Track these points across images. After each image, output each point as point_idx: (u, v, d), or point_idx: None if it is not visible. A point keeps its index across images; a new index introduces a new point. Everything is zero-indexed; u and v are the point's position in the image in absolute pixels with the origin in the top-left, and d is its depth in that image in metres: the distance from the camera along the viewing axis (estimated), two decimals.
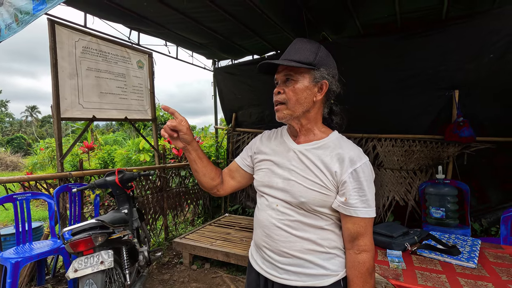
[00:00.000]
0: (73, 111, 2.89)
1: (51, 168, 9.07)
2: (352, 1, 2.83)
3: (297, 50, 0.93)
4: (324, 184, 0.90)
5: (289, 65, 0.91)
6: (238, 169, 1.13)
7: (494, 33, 2.77)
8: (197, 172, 1.04)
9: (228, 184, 1.13)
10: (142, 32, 3.61)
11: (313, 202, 0.90)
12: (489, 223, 3.02)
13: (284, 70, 0.94)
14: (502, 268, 1.36)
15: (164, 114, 12.54)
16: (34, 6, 1.68)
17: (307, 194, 0.90)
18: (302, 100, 0.93)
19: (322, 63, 0.93)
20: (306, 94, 0.93)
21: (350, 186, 0.88)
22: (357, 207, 0.87)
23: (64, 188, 2.67)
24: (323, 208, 0.91)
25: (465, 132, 2.83)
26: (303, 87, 0.92)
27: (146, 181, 3.52)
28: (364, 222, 0.89)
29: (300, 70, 0.92)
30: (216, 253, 2.86)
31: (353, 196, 0.87)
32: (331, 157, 0.91)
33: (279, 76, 0.97)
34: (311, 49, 0.93)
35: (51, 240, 2.55)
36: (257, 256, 1.04)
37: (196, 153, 1.01)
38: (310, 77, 0.93)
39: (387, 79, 3.29)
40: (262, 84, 4.19)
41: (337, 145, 0.94)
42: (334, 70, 0.96)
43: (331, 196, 0.90)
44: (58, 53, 2.75)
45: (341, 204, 0.89)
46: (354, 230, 0.90)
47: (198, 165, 1.03)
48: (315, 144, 0.96)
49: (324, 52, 0.95)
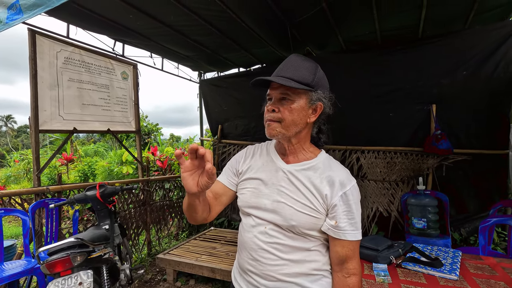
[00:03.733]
0: (53, 123, 2.79)
1: (26, 182, 8.64)
2: (335, 18, 2.94)
3: (295, 67, 0.89)
4: (314, 207, 0.89)
5: (289, 85, 0.86)
6: (226, 191, 1.05)
7: (466, 52, 2.96)
8: (197, 212, 0.91)
9: (215, 210, 1.02)
10: (127, 43, 3.58)
11: (304, 225, 0.88)
12: (468, 233, 3.13)
13: (280, 88, 0.90)
14: (482, 279, 1.40)
15: (148, 125, 12.33)
16: (9, 15, 1.61)
17: (297, 217, 0.88)
18: (297, 121, 0.90)
19: (319, 85, 0.91)
20: (301, 116, 0.90)
21: (340, 209, 0.87)
22: (346, 230, 0.87)
23: (41, 203, 2.54)
24: (312, 231, 0.90)
25: (443, 144, 2.95)
26: (299, 108, 0.89)
27: (129, 195, 3.42)
28: (353, 245, 0.89)
29: (297, 91, 0.89)
30: (201, 269, 2.79)
31: (342, 220, 0.87)
32: (321, 179, 0.90)
33: (274, 93, 0.92)
34: (309, 68, 0.90)
35: (25, 260, 2.40)
36: (241, 280, 0.99)
37: (203, 197, 0.90)
38: (307, 98, 0.90)
39: (368, 93, 3.41)
40: (248, 96, 4.22)
41: (327, 167, 0.93)
42: (329, 93, 0.95)
43: (321, 219, 0.90)
44: (38, 64, 2.67)
45: (331, 227, 0.89)
46: (343, 253, 0.89)
47: (201, 206, 0.90)
48: (305, 164, 0.95)
49: (321, 73, 0.93)
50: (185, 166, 0.76)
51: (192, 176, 0.77)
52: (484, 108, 2.96)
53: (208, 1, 2.53)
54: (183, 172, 0.76)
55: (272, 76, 0.90)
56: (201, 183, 0.76)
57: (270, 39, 3.44)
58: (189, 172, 0.77)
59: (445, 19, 2.95)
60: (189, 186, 0.77)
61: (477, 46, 2.92)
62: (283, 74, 0.89)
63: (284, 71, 0.90)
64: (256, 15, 2.89)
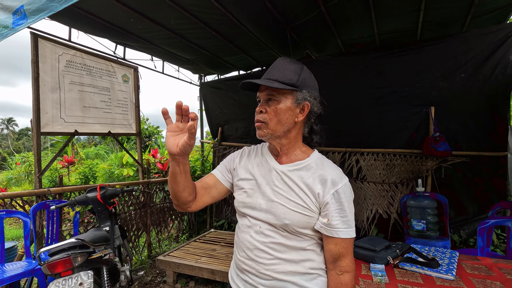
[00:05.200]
0: (54, 126, 2.82)
1: (27, 184, 8.67)
2: (334, 22, 2.97)
3: (280, 70, 0.93)
4: (307, 205, 0.90)
5: (272, 86, 0.90)
6: (217, 184, 1.06)
7: (464, 54, 2.98)
8: (178, 185, 0.93)
9: (202, 200, 1.03)
10: (128, 46, 3.62)
11: (297, 224, 0.90)
12: (467, 234, 3.13)
13: (266, 90, 0.94)
14: (479, 279, 1.41)
15: (149, 127, 12.38)
16: (14, 20, 1.65)
17: (290, 216, 0.90)
18: (283, 121, 0.92)
19: (305, 85, 0.93)
20: (287, 115, 0.92)
21: (332, 207, 0.89)
22: (338, 228, 0.89)
23: (42, 205, 2.56)
24: (306, 230, 0.91)
25: (442, 146, 2.96)
26: (285, 107, 0.92)
27: (129, 197, 3.43)
28: (345, 242, 0.90)
29: (282, 91, 0.92)
30: (201, 271, 2.80)
31: (335, 217, 0.88)
32: (313, 178, 0.92)
33: (261, 94, 0.96)
34: (294, 69, 0.93)
35: (26, 261, 2.42)
36: (239, 280, 1.01)
37: (185, 167, 0.91)
38: (292, 98, 0.92)
39: (367, 96, 3.43)
40: (247, 99, 4.25)
41: (319, 166, 0.95)
42: (316, 92, 0.97)
43: (314, 218, 0.91)
44: (41, 67, 2.70)
45: (323, 225, 0.90)
46: (336, 251, 0.90)
47: (183, 178, 0.92)
48: (298, 164, 0.96)
49: (306, 73, 0.95)
50: (170, 126, 0.82)
51: (174, 137, 0.83)
52: (482, 110, 2.98)
53: (208, 5, 2.56)
54: (167, 132, 0.82)
55: (258, 79, 0.93)
56: (180, 144, 0.81)
57: (269, 42, 3.48)
58: (173, 133, 0.82)
59: (442, 22, 2.98)
60: (170, 145, 0.83)
61: (475, 48, 2.94)
62: (269, 76, 0.93)
63: (270, 74, 0.94)
64: (255, 19, 2.93)
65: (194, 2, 2.57)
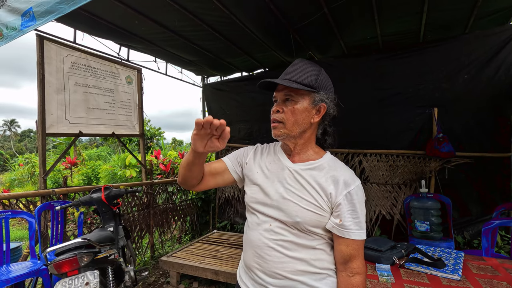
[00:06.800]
0: (59, 127, 2.84)
1: (30, 185, 8.71)
2: (337, 23, 2.98)
3: (299, 71, 0.94)
4: (319, 204, 0.90)
5: (291, 86, 0.91)
6: (225, 173, 1.08)
7: (467, 56, 2.99)
8: (191, 173, 0.97)
9: (206, 184, 1.05)
10: (131, 48, 3.64)
11: (308, 222, 0.90)
12: (471, 236, 3.12)
13: (284, 90, 0.95)
14: (485, 279, 1.41)
15: (151, 129, 12.40)
16: (23, 22, 1.68)
17: (302, 213, 0.90)
18: (300, 121, 0.94)
19: (322, 87, 0.95)
20: (304, 116, 0.94)
21: (345, 208, 0.89)
22: (351, 229, 0.89)
23: (47, 206, 2.58)
24: (317, 228, 0.92)
25: (445, 147, 2.96)
26: (302, 108, 0.93)
27: (133, 198, 3.45)
28: (357, 244, 0.90)
29: (300, 92, 0.93)
30: (204, 271, 2.80)
31: (347, 218, 0.89)
32: (326, 178, 0.93)
33: (278, 94, 0.97)
34: (313, 71, 0.95)
35: (31, 262, 2.43)
36: (247, 278, 1.01)
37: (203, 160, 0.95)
38: (309, 99, 0.94)
39: (371, 97, 3.44)
40: (250, 100, 4.26)
41: (331, 167, 0.96)
42: (332, 94, 0.98)
43: (325, 217, 0.91)
44: (46, 68, 2.72)
45: (335, 225, 0.90)
46: (347, 252, 0.90)
47: (197, 168, 0.96)
48: (310, 164, 0.97)
49: (324, 76, 0.97)
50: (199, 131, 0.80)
51: (201, 139, 0.82)
52: (485, 111, 2.98)
53: (212, 7, 2.58)
54: (195, 134, 0.80)
55: (277, 79, 0.95)
56: (209, 146, 0.83)
57: (272, 44, 3.49)
58: (200, 136, 0.81)
59: (445, 24, 2.99)
60: (197, 145, 0.83)
61: (478, 50, 2.95)
62: (287, 77, 0.95)
63: (288, 74, 0.95)
64: (259, 20, 2.94)
65: (197, 4, 2.59)
